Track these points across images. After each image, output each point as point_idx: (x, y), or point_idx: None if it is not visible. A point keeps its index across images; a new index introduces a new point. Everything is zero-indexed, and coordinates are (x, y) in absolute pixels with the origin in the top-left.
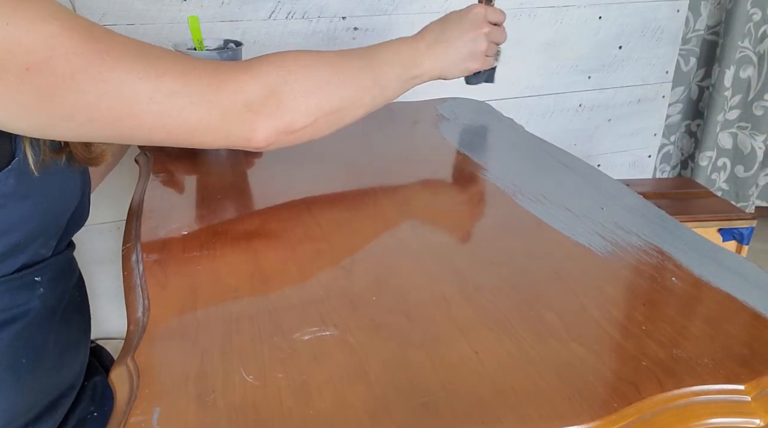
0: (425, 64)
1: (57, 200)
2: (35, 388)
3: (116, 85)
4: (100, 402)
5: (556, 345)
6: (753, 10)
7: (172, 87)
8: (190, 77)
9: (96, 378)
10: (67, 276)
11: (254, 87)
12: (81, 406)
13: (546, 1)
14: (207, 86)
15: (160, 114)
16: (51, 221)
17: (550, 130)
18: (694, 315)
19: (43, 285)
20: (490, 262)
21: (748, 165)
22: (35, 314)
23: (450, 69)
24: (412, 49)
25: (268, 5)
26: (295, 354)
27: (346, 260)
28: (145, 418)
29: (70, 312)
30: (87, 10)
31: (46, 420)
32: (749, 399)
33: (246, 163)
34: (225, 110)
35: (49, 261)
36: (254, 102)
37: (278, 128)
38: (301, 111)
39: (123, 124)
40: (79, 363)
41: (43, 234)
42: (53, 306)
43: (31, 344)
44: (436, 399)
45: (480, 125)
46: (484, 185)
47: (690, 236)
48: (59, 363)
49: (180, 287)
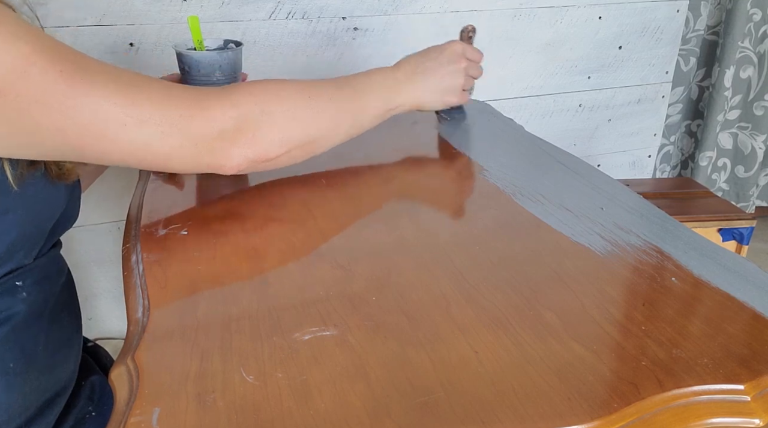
0: (403, 95)
1: (39, 211)
2: (27, 390)
3: (87, 110)
4: (98, 401)
5: (555, 345)
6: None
7: (145, 115)
8: (164, 105)
9: (93, 377)
10: (53, 277)
11: (229, 117)
12: (78, 406)
13: (546, 1)
14: (180, 116)
15: (131, 142)
16: (33, 232)
17: (550, 130)
18: (694, 315)
19: (26, 289)
20: (490, 262)
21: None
22: (21, 318)
23: (427, 100)
24: (390, 79)
25: (268, 5)
26: (295, 354)
27: (346, 260)
28: (144, 418)
29: (59, 312)
30: (87, 11)
31: (40, 421)
32: (749, 399)
33: None
34: (198, 140)
35: (32, 265)
36: (228, 131)
37: (251, 157)
38: (275, 141)
39: (93, 149)
40: (72, 363)
41: (25, 245)
42: (39, 308)
43: (19, 347)
44: (436, 399)
45: (480, 125)
46: (484, 185)
47: (690, 236)
48: (51, 363)
49: (180, 287)
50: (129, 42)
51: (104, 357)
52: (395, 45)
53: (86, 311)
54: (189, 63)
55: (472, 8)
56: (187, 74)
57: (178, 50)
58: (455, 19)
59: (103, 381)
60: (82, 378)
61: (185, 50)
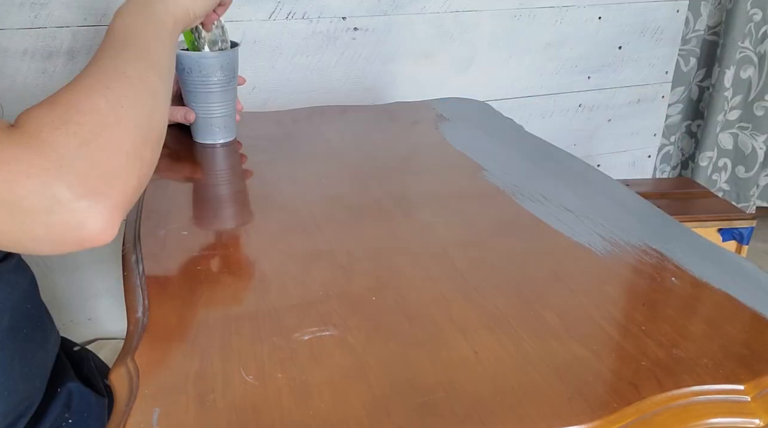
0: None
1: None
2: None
3: None
4: (76, 408)
5: (555, 345)
6: (753, 11)
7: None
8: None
9: (70, 384)
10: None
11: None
12: (53, 414)
13: (546, 2)
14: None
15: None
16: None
17: (550, 130)
18: (694, 315)
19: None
20: (490, 262)
21: (749, 165)
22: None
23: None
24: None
25: (268, 5)
26: (295, 354)
27: (346, 260)
28: (144, 418)
29: (21, 327)
30: (87, 11)
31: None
32: (749, 399)
33: (246, 164)
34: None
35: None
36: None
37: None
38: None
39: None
40: (38, 378)
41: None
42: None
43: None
44: (436, 399)
45: (480, 125)
46: (484, 185)
47: (690, 236)
48: (12, 383)
49: (180, 287)
50: None
51: (91, 361)
52: (395, 45)
53: (86, 311)
54: (189, 64)
55: (472, 8)
56: (187, 76)
57: (177, 52)
58: (455, 19)
59: (81, 388)
60: (58, 386)
61: (185, 51)
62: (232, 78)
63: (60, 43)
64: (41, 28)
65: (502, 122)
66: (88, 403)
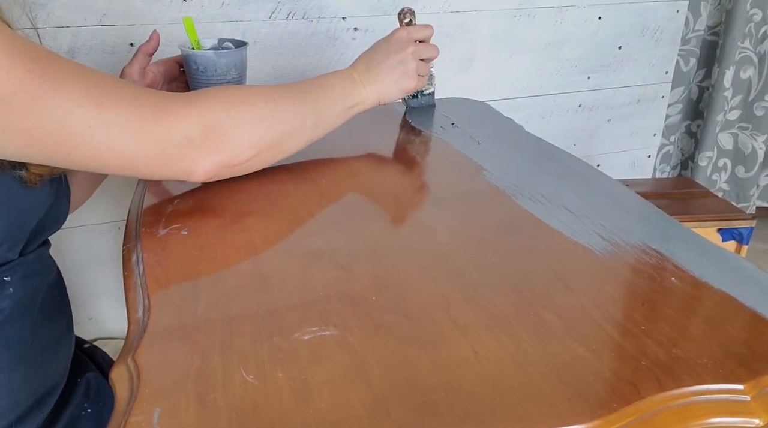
0: (361, 92)
1: (21, 208)
2: (16, 387)
3: (53, 112)
4: (94, 398)
5: (555, 345)
6: (753, 11)
7: (110, 118)
8: (131, 109)
9: (89, 374)
10: (41, 274)
11: (196, 122)
12: (74, 403)
13: (546, 2)
14: (145, 119)
15: (96, 145)
16: (15, 229)
17: (550, 130)
18: (694, 315)
19: (13, 285)
20: (490, 262)
21: (749, 165)
22: (7, 314)
23: (386, 92)
24: (347, 79)
25: (268, 5)
26: (295, 354)
27: (346, 260)
28: (145, 418)
29: (49, 309)
30: (87, 11)
31: (32, 418)
32: (749, 398)
33: None
34: (164, 144)
35: (18, 261)
36: (195, 137)
37: (220, 163)
38: (243, 146)
39: (58, 151)
40: (63, 361)
41: (7, 240)
42: (28, 305)
43: (7, 343)
44: (435, 399)
45: (480, 125)
46: (484, 185)
47: (690, 236)
48: (40, 360)
49: (180, 287)
50: (129, 42)
51: (101, 357)
52: None
53: (86, 311)
54: (205, 64)
55: (472, 8)
56: (201, 75)
57: (190, 51)
58: (455, 19)
59: (99, 379)
60: (78, 376)
61: (185, 50)
62: (243, 76)
63: (60, 43)
64: (41, 28)
65: (502, 122)
66: (105, 394)
